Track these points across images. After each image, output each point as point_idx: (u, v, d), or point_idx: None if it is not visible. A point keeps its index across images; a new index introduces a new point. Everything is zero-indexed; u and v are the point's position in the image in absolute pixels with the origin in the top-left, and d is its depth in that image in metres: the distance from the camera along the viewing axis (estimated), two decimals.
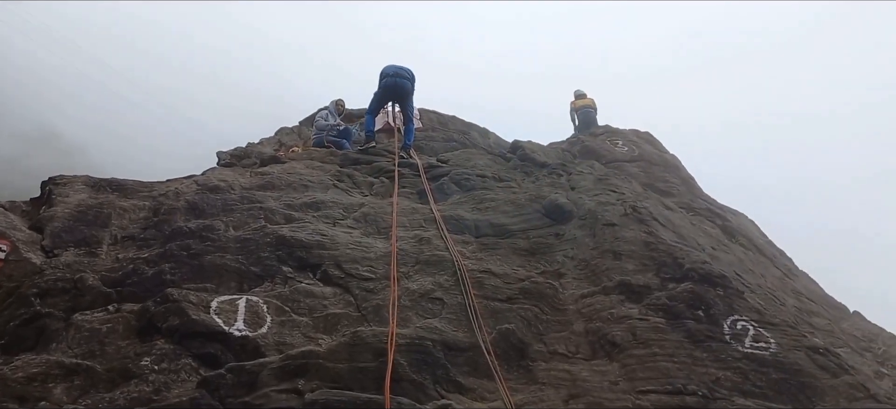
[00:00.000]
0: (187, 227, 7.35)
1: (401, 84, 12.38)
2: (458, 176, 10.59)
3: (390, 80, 12.36)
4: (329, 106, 14.44)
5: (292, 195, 8.92)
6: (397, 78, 12.36)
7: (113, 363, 5.18)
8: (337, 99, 14.74)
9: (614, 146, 14.87)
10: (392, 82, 12.35)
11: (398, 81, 12.35)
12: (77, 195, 7.81)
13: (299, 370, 5.18)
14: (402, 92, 12.46)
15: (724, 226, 11.09)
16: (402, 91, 12.44)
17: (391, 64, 12.66)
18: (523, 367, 5.90)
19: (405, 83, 12.40)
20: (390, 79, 12.36)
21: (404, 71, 12.52)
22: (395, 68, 12.50)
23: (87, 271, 6.34)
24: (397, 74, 12.40)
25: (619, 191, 9.99)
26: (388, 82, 12.38)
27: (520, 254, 8.09)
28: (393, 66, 12.60)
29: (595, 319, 6.58)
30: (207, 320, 5.69)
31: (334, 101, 14.63)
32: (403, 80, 12.39)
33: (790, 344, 6.16)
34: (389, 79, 12.36)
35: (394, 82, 12.34)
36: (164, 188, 8.52)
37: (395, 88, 12.40)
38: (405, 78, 12.43)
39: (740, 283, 7.34)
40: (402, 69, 12.53)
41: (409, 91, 12.48)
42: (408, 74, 12.52)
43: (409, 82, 12.47)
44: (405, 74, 12.47)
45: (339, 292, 6.67)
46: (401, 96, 12.54)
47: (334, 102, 14.62)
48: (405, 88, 12.41)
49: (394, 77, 12.36)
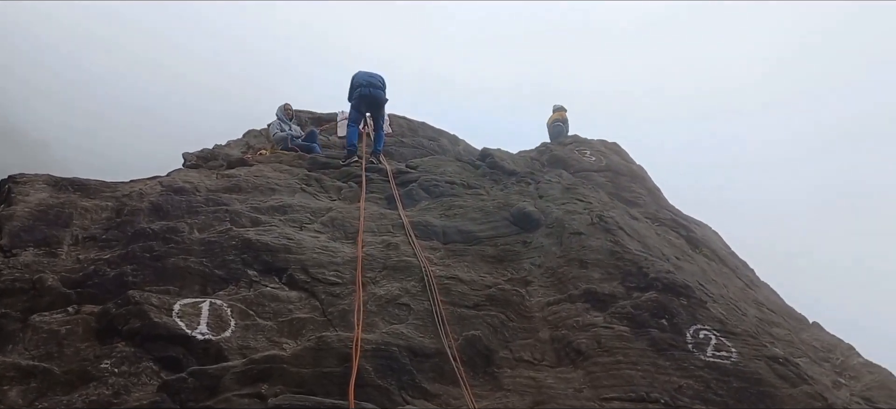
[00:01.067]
0: (151, 228, 7.23)
1: (376, 95, 12.26)
2: (427, 182, 10.59)
3: (365, 90, 12.19)
4: (278, 114, 14.21)
5: (259, 198, 8.83)
6: (371, 88, 12.21)
7: (71, 365, 5.07)
8: (283, 104, 14.46)
9: (582, 156, 15.00)
10: (367, 93, 12.20)
11: (373, 91, 12.22)
12: (38, 194, 7.63)
13: (263, 375, 5.13)
14: (376, 103, 12.36)
15: (688, 236, 11.24)
16: (377, 102, 12.36)
17: (362, 71, 12.50)
18: (489, 374, 5.92)
19: (380, 94, 12.30)
20: (365, 89, 12.19)
21: (376, 80, 12.37)
22: (367, 77, 12.35)
23: (47, 271, 6.21)
24: (370, 83, 12.24)
25: (586, 200, 10.07)
26: (363, 93, 12.21)
27: (487, 261, 8.11)
28: (364, 74, 12.44)
29: (561, 326, 6.62)
30: (169, 323, 5.61)
31: (281, 106, 14.36)
32: (378, 90, 12.27)
33: (751, 354, 6.27)
34: (364, 89, 12.20)
35: (369, 94, 12.21)
36: (127, 189, 8.38)
37: (370, 99, 12.27)
38: (379, 87, 12.30)
39: (703, 293, 7.45)
40: (374, 78, 12.38)
41: (383, 101, 12.43)
42: (381, 83, 12.39)
43: (382, 91, 12.35)
44: (378, 84, 12.33)
45: (304, 296, 6.63)
46: (375, 107, 12.44)
47: (281, 108, 14.34)
48: (380, 99, 12.34)
49: (368, 87, 12.20)
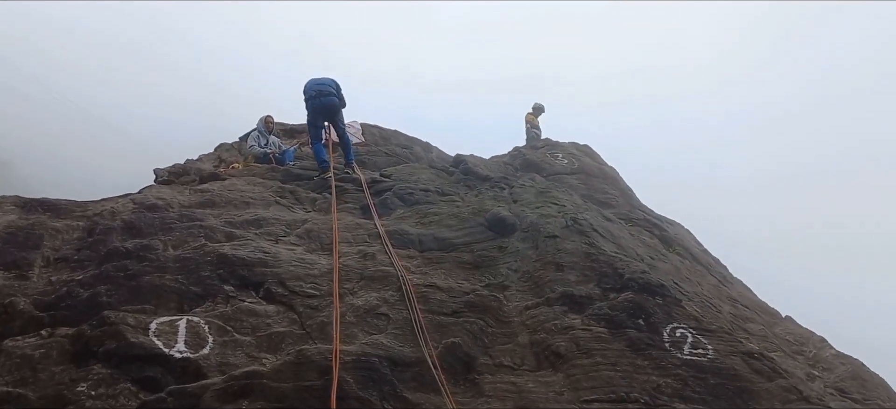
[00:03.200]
0: (124, 247, 7.15)
1: (326, 103, 11.66)
2: (401, 190, 10.60)
3: (315, 101, 11.65)
4: (258, 126, 14.05)
5: (233, 212, 8.78)
6: (321, 97, 11.62)
7: (47, 390, 4.98)
8: (265, 116, 14.19)
9: (555, 159, 15.09)
10: (317, 103, 11.65)
11: (323, 100, 11.63)
12: (5, 216, 7.52)
13: (243, 391, 5.10)
14: (329, 110, 11.75)
15: (661, 236, 11.37)
16: (330, 109, 11.73)
17: (311, 80, 11.91)
18: (470, 380, 5.94)
19: (330, 100, 11.68)
20: (314, 100, 11.65)
21: (325, 86, 11.74)
22: (315, 86, 11.71)
23: (18, 294, 6.10)
24: (319, 92, 11.64)
25: (560, 203, 10.16)
26: (314, 104, 11.67)
27: (464, 267, 8.14)
28: (312, 82, 11.82)
29: (539, 330, 6.67)
30: (146, 342, 5.54)
31: (262, 118, 14.14)
32: (328, 97, 11.66)
33: (727, 350, 6.37)
34: (314, 100, 11.65)
35: (319, 103, 11.64)
36: (99, 208, 8.28)
37: (321, 108, 11.69)
38: (329, 94, 11.69)
39: (678, 291, 7.55)
40: (323, 85, 11.75)
41: (336, 106, 11.80)
42: (330, 88, 11.78)
43: (335, 97, 11.76)
44: (327, 90, 11.72)
45: (282, 310, 6.59)
46: (329, 114, 11.82)
47: (262, 119, 14.11)
48: (331, 105, 11.71)
49: (317, 97, 11.62)
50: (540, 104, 19.22)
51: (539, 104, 19.22)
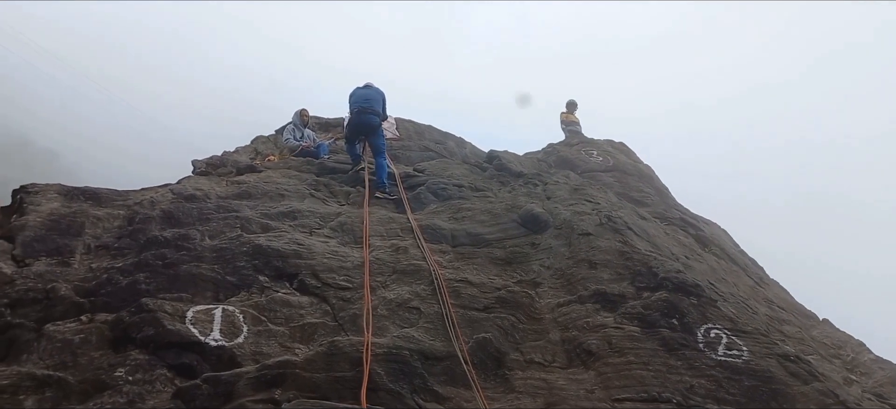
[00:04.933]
0: (162, 236, 7.28)
1: (364, 122, 11.19)
2: (434, 185, 10.62)
3: (355, 118, 11.30)
4: (293, 120, 14.14)
5: (269, 204, 8.88)
6: (362, 114, 11.17)
7: (86, 374, 5.10)
8: (300, 109, 14.21)
9: (589, 156, 15.02)
10: (357, 121, 11.27)
11: (363, 118, 11.17)
12: (49, 204, 7.69)
13: (276, 380, 5.16)
14: (367, 128, 11.26)
15: (697, 235, 11.24)
16: (368, 128, 11.24)
17: (356, 90, 11.53)
18: (500, 376, 5.93)
19: (369, 119, 11.16)
20: (355, 116, 11.28)
21: (369, 103, 11.24)
22: (359, 102, 11.27)
23: (60, 280, 6.25)
24: (361, 109, 11.18)
25: (594, 201, 10.08)
26: (354, 120, 11.35)
27: (496, 263, 8.13)
28: (358, 94, 11.42)
29: (571, 327, 6.63)
30: (183, 330, 5.64)
31: (297, 112, 14.19)
32: (368, 116, 11.14)
33: (762, 352, 6.26)
34: (355, 116, 11.31)
35: (358, 121, 11.24)
36: (138, 197, 8.44)
37: (359, 126, 11.31)
38: (371, 112, 11.17)
39: (713, 291, 7.44)
40: (367, 101, 11.26)
41: (376, 126, 11.20)
42: (374, 105, 11.26)
43: (376, 116, 11.21)
44: (370, 107, 11.20)
45: (315, 301, 6.66)
46: (367, 132, 11.32)
47: (297, 113, 14.17)
48: (370, 125, 11.18)
49: (359, 114, 11.21)
50: (573, 100, 18.70)
51: (572, 100, 18.68)
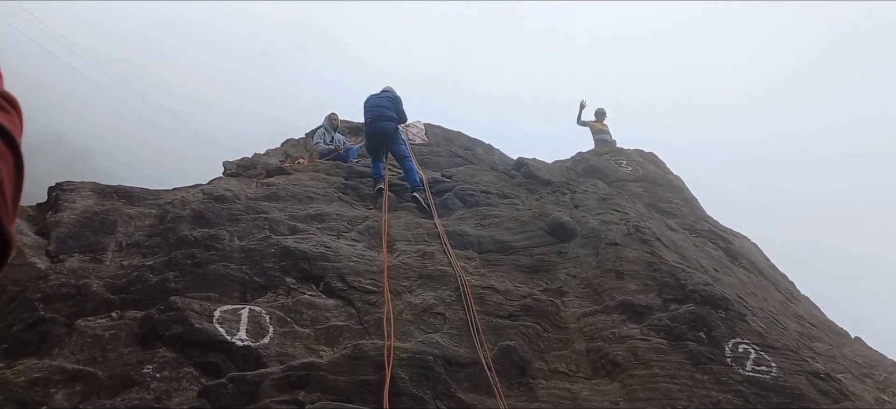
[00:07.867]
0: (192, 235, 7.38)
1: (379, 130, 10.84)
2: (462, 192, 10.62)
3: (370, 127, 10.97)
4: (324, 124, 14.24)
5: (297, 207, 8.96)
6: (375, 122, 10.84)
7: (115, 369, 5.19)
8: (330, 114, 14.31)
9: (618, 166, 14.90)
10: (372, 130, 10.92)
11: (376, 126, 10.83)
12: (84, 201, 7.84)
13: (300, 382, 5.20)
14: (383, 137, 10.88)
15: (727, 248, 11.09)
16: (383, 136, 10.86)
17: (370, 96, 11.23)
18: (524, 384, 5.90)
19: (384, 126, 10.81)
20: (370, 126, 10.96)
21: (381, 109, 10.92)
22: (372, 109, 10.98)
23: (92, 277, 6.37)
24: (375, 117, 10.86)
25: (622, 210, 10.00)
26: (369, 130, 11.00)
27: (522, 271, 8.10)
28: (371, 102, 11.11)
29: (596, 338, 6.58)
30: (210, 329, 5.71)
31: (327, 116, 14.29)
32: (382, 122, 10.81)
33: (791, 368, 6.15)
34: (369, 126, 10.99)
35: (373, 130, 10.90)
36: (170, 196, 8.56)
37: (375, 135, 10.92)
38: (384, 118, 10.84)
39: (742, 306, 7.34)
40: (379, 107, 10.95)
41: (391, 133, 10.85)
42: (387, 111, 10.92)
43: (390, 122, 10.87)
44: (383, 113, 10.87)
45: (341, 304, 6.69)
46: (384, 140, 10.94)
47: (327, 117, 14.26)
48: (385, 133, 10.82)
49: (372, 122, 10.88)
50: (601, 109, 18.26)
51: (600, 109, 18.26)
